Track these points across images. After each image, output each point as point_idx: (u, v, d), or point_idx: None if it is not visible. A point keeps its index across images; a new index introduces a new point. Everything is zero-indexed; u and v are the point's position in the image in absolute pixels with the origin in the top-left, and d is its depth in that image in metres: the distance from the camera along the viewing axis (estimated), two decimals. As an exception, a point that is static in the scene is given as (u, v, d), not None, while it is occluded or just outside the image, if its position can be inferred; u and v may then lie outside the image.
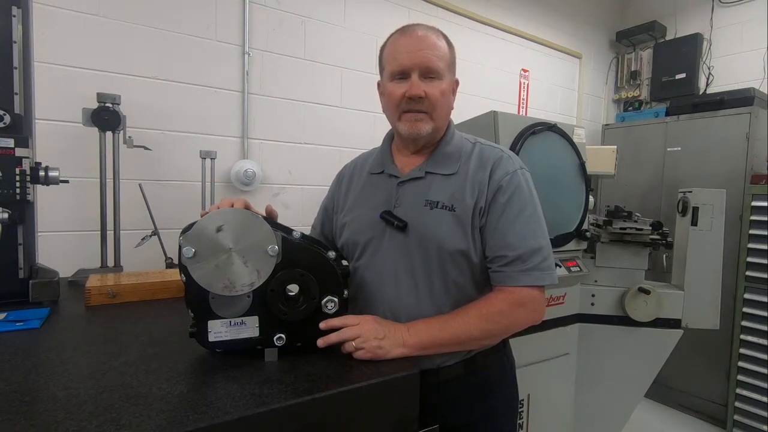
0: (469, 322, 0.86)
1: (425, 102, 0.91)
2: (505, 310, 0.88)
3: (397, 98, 0.92)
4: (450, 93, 0.96)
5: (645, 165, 3.05)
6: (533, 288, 0.88)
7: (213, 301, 0.75)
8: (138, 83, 1.78)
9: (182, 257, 0.71)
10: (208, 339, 0.76)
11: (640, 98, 3.54)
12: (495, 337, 0.93)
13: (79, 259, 1.51)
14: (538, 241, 0.90)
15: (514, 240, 0.89)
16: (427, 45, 0.91)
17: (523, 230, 0.89)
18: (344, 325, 0.80)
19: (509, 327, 0.90)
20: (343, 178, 1.15)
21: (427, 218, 0.92)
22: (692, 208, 1.87)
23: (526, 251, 0.88)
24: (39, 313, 0.97)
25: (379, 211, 0.96)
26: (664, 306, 1.83)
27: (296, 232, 0.80)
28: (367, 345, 0.78)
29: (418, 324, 0.86)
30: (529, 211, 0.91)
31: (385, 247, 0.95)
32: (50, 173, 1.09)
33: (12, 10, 1.07)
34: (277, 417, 0.61)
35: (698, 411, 2.71)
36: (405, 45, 0.91)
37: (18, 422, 0.54)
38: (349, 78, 2.33)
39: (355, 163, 1.17)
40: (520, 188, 0.92)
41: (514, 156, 0.97)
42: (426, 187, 0.95)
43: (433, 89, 0.91)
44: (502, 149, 0.98)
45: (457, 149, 0.98)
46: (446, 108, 0.96)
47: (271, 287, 0.76)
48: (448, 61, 0.94)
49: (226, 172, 2.00)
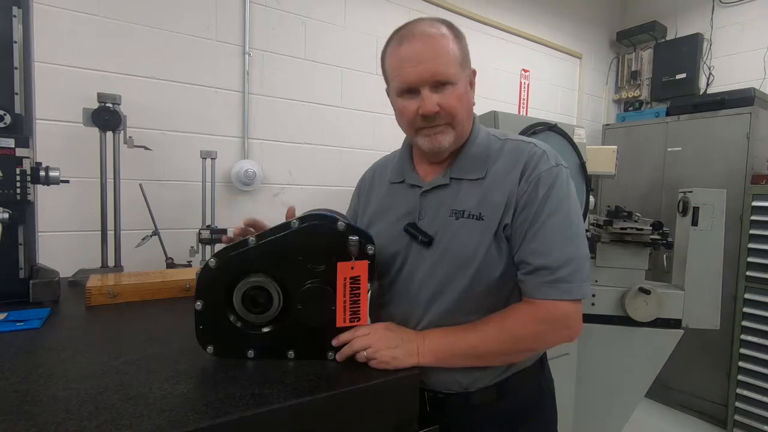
0: (488, 333, 0.78)
1: (441, 114, 0.81)
2: (528, 324, 0.78)
3: (411, 116, 0.83)
4: (468, 92, 0.86)
5: (645, 165, 3.05)
6: (562, 302, 0.77)
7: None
8: (138, 83, 1.79)
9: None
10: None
11: (640, 98, 3.54)
12: (518, 353, 0.83)
13: (79, 259, 1.51)
14: (570, 250, 0.78)
15: (540, 246, 0.78)
16: (432, 53, 0.80)
17: (553, 236, 0.78)
18: (354, 335, 0.77)
19: (535, 344, 0.81)
20: (362, 189, 1.07)
21: (453, 230, 0.83)
22: (693, 208, 1.87)
23: (553, 260, 0.77)
24: (39, 313, 0.97)
25: (402, 224, 0.88)
26: (665, 306, 1.83)
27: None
28: (379, 355, 0.75)
29: (433, 333, 0.81)
30: (562, 213, 0.80)
31: (410, 263, 0.87)
32: (51, 173, 1.09)
33: (12, 10, 1.07)
34: (277, 417, 0.61)
35: (698, 411, 2.71)
36: (407, 57, 0.81)
37: (18, 422, 0.54)
38: (349, 78, 2.33)
39: (374, 170, 1.07)
40: (554, 187, 0.80)
41: (550, 151, 0.85)
42: (452, 196, 0.86)
43: (447, 99, 0.81)
44: (536, 144, 0.86)
45: (484, 149, 0.87)
46: (466, 111, 0.85)
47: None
48: (460, 60, 0.82)
49: (226, 172, 2.00)
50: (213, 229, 1.78)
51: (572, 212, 0.81)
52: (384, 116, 2.45)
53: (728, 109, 2.67)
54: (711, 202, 1.85)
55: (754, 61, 2.99)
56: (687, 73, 3.20)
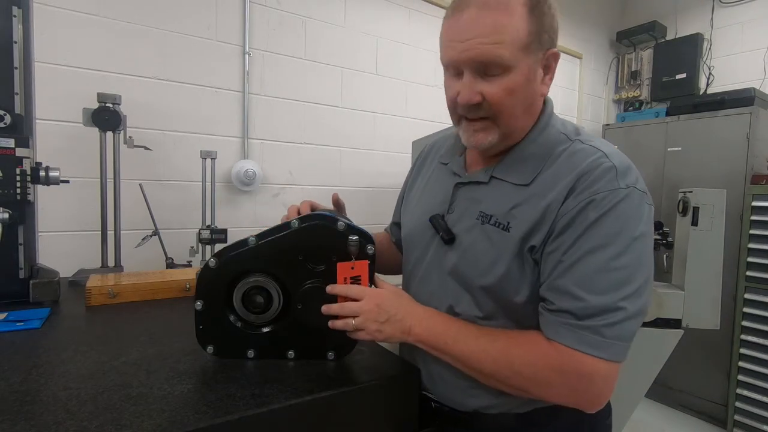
0: (488, 351, 0.66)
1: (484, 106, 0.68)
2: (536, 365, 0.63)
3: (452, 99, 0.71)
4: (527, 84, 0.68)
5: (645, 165, 3.05)
6: (589, 357, 0.60)
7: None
8: (138, 83, 1.79)
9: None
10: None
11: (640, 98, 3.54)
12: (509, 387, 0.67)
13: (79, 259, 1.51)
14: (612, 298, 0.60)
15: (569, 284, 0.61)
16: (481, 29, 0.63)
17: (593, 276, 0.60)
18: (347, 294, 0.72)
19: (533, 389, 0.65)
20: (416, 164, 0.96)
21: (475, 235, 0.72)
22: (692, 208, 1.87)
23: (583, 307, 0.60)
24: (39, 313, 0.97)
25: (432, 213, 0.79)
26: (665, 306, 1.82)
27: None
28: (366, 327, 0.70)
29: (434, 319, 0.72)
30: (614, 249, 0.60)
31: (428, 259, 0.79)
32: (51, 173, 1.09)
33: (12, 10, 1.07)
34: (277, 417, 0.61)
35: (698, 411, 2.71)
36: (454, 29, 0.67)
37: (18, 422, 0.54)
38: (349, 78, 2.33)
39: (434, 144, 0.95)
40: (613, 213, 0.61)
41: (625, 166, 0.65)
42: (486, 196, 0.73)
43: (493, 89, 0.66)
44: (606, 154, 0.66)
45: (546, 150, 0.71)
46: (521, 107, 0.69)
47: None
48: (525, 41, 0.65)
49: (226, 172, 2.00)
50: (213, 229, 1.78)
51: (631, 252, 0.61)
52: (384, 116, 2.45)
53: (728, 109, 2.67)
54: (711, 202, 1.85)
55: (754, 61, 2.99)
56: (687, 73, 3.20)
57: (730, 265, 2.34)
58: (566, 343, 0.61)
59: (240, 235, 0.79)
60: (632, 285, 0.61)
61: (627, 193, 0.62)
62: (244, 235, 0.76)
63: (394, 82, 2.47)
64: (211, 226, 1.81)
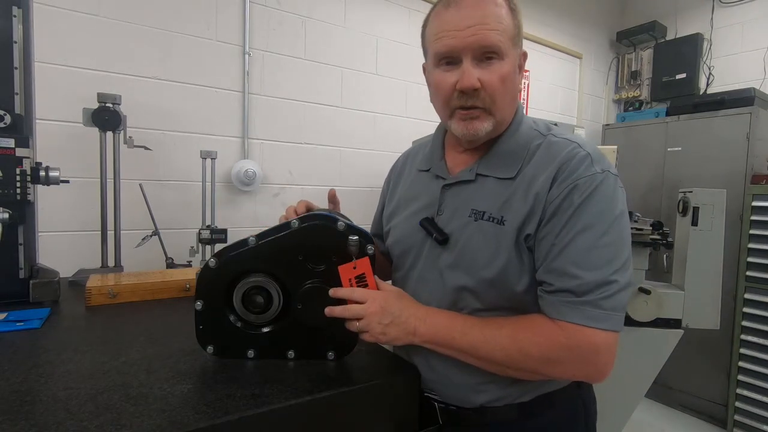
0: (496, 339, 0.68)
1: (482, 94, 0.71)
2: (544, 346, 0.66)
3: (447, 91, 0.73)
4: (515, 75, 0.75)
5: (645, 165, 3.05)
6: (589, 329, 0.64)
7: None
8: (138, 83, 1.79)
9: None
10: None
11: (640, 98, 3.54)
12: (520, 371, 0.70)
13: (79, 259, 1.51)
14: (603, 273, 0.65)
15: (564, 265, 0.66)
16: (482, 16, 0.69)
17: (584, 255, 0.66)
18: (351, 298, 0.72)
19: (544, 369, 0.68)
20: (391, 177, 1.00)
21: (470, 232, 0.74)
22: (693, 208, 1.87)
23: (578, 284, 0.65)
24: (39, 313, 0.97)
25: (420, 216, 0.81)
26: (665, 306, 1.82)
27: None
28: (371, 329, 0.71)
29: (437, 316, 0.73)
30: (599, 229, 0.66)
31: (422, 262, 0.81)
32: (51, 173, 1.09)
33: (12, 10, 1.07)
34: (277, 417, 0.61)
35: (698, 411, 2.71)
36: (453, 19, 0.71)
37: (18, 422, 0.54)
38: (349, 78, 2.33)
39: (406, 156, 0.99)
40: (595, 197, 0.67)
41: (597, 154, 0.72)
42: (475, 193, 0.77)
43: (491, 76, 0.70)
44: (581, 144, 0.73)
45: (523, 145, 0.76)
46: (510, 96, 0.75)
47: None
48: (512, 34, 0.73)
49: (226, 172, 2.00)
50: (213, 229, 1.78)
51: (614, 230, 0.67)
52: (384, 116, 2.45)
53: (728, 109, 2.67)
54: (711, 202, 1.85)
55: (754, 61, 2.99)
56: (687, 73, 3.20)
57: (730, 265, 2.34)
58: (570, 320, 0.65)
59: (240, 235, 0.79)
60: (620, 259, 0.67)
61: (603, 177, 0.69)
62: (244, 235, 0.76)
63: (394, 82, 2.47)
64: (211, 226, 1.81)
